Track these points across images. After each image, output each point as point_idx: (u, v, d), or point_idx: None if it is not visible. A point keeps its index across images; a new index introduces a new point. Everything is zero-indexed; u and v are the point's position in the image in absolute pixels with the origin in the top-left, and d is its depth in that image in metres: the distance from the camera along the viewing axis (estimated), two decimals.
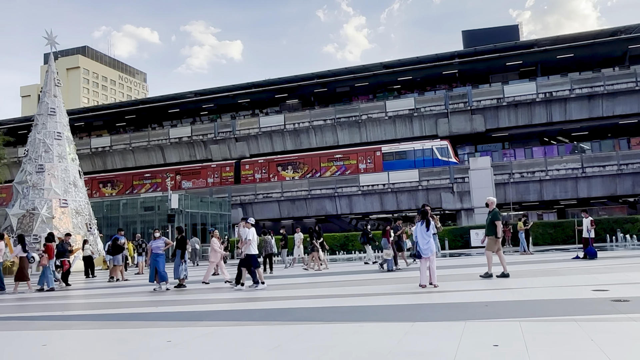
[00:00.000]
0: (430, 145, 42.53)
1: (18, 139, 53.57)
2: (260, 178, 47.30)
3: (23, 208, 29.52)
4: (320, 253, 19.36)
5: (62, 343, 7.01)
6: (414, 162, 42.59)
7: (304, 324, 6.98)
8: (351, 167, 44.92)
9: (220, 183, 48.19)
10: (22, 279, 16.21)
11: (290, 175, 46.53)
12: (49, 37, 32.09)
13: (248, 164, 48.22)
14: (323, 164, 45.70)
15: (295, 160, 46.82)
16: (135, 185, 50.87)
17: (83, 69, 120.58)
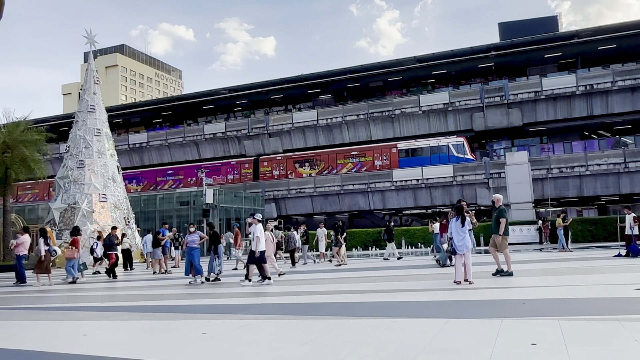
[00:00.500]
0: (446, 142, 42.40)
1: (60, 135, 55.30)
2: (278, 175, 48.06)
3: (65, 202, 30.47)
4: (342, 248, 19.51)
5: (101, 333, 7.21)
6: (430, 159, 42.51)
7: (336, 319, 6.98)
8: (367, 163, 45.06)
9: (240, 180, 48.99)
10: (43, 271, 16.66)
11: (307, 172, 47.18)
12: (89, 36, 32.94)
13: (266, 161, 49.01)
14: (339, 160, 46.08)
15: (312, 157, 47.33)
16: (158, 181, 52.02)
17: (121, 67, 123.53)
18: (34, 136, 29.65)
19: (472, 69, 47.96)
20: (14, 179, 29.00)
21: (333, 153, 46.68)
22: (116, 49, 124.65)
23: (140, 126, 61.82)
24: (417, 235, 34.10)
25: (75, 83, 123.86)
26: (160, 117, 61.17)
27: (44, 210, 36.87)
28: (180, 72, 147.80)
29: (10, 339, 6.79)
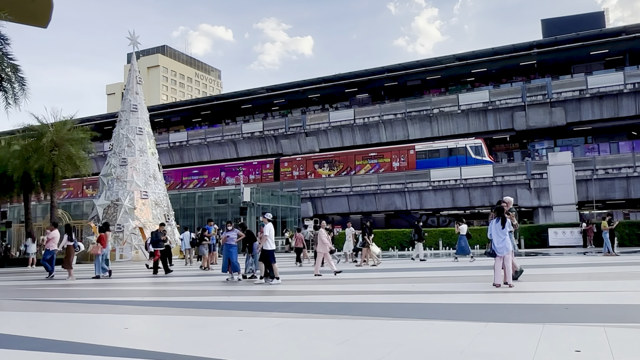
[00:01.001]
0: (464, 144, 41.85)
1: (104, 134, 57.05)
2: (297, 175, 48.48)
3: (108, 199, 31.39)
4: (373, 248, 19.47)
5: (142, 327, 7.39)
6: (447, 161, 42.21)
7: (372, 319, 6.92)
8: (385, 165, 45.04)
9: (261, 180, 49.51)
10: (66, 266, 17.05)
11: (326, 172, 47.55)
12: (132, 38, 33.82)
13: (287, 162, 49.54)
14: (358, 162, 46.26)
15: (332, 158, 47.69)
16: (184, 180, 53.08)
17: (162, 67, 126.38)
18: (79, 135, 30.62)
19: (513, 67, 46.83)
20: (61, 176, 30.03)
21: (352, 154, 46.95)
22: (158, 50, 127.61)
23: (180, 125, 63.11)
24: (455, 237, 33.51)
25: (118, 83, 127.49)
26: (200, 116, 62.27)
27: (88, 207, 38.11)
28: (219, 72, 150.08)
29: (56, 330, 7.03)
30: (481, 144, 41.64)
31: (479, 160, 41.06)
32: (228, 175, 51.37)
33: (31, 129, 30.70)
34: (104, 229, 17.91)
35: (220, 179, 51.31)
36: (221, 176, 51.49)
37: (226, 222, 16.09)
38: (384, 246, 32.49)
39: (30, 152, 28.88)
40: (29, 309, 9.66)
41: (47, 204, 35.02)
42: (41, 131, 29.62)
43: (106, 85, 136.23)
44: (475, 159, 41.22)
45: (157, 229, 19.63)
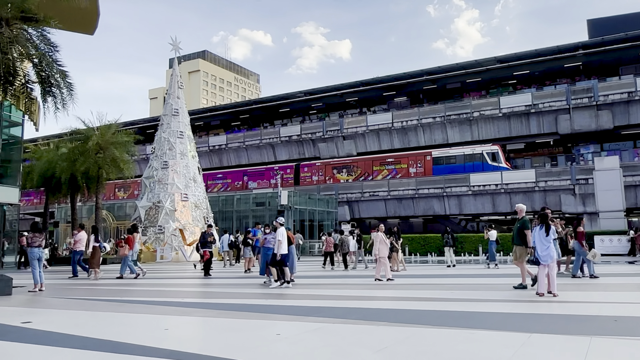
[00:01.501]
0: (481, 150, 41.87)
1: (146, 137, 58.55)
2: (317, 180, 49.18)
3: (150, 201, 32.16)
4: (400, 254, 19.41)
5: (182, 329, 7.50)
6: (464, 167, 42.20)
7: (412, 327, 6.81)
8: (402, 170, 45.45)
9: (282, 184, 49.75)
10: (92, 265, 17.46)
11: (344, 177, 48.26)
12: (174, 43, 34.60)
13: (307, 167, 50.46)
14: (375, 167, 46.85)
15: (350, 164, 48.37)
16: (209, 184, 54.00)
17: (203, 72, 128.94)
18: (123, 138, 31.51)
19: (557, 69, 45.52)
20: (105, 178, 30.98)
21: (369, 160, 47.49)
22: (198, 55, 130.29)
23: (219, 129, 64.14)
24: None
25: (160, 88, 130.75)
26: (239, 120, 63.11)
27: (131, 208, 39.15)
28: (258, 76, 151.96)
29: (100, 329, 7.22)
30: (498, 150, 41.45)
31: (496, 166, 40.91)
32: (251, 179, 52.70)
33: (78, 132, 31.79)
34: (131, 230, 18.37)
35: (243, 183, 52.68)
36: (244, 180, 52.72)
37: (264, 225, 16.21)
38: (421, 251, 32.10)
39: (77, 155, 29.90)
40: (74, 308, 9.96)
41: (92, 205, 36.14)
42: (87, 134, 30.63)
43: (149, 90, 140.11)
44: (491, 165, 41.07)
45: (205, 230, 19.80)
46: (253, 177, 52.71)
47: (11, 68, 12.98)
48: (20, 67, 13.66)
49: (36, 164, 33.78)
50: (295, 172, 50.79)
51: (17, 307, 10.06)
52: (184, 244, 30.70)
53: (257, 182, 52.10)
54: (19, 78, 13.58)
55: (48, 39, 13.70)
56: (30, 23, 13.49)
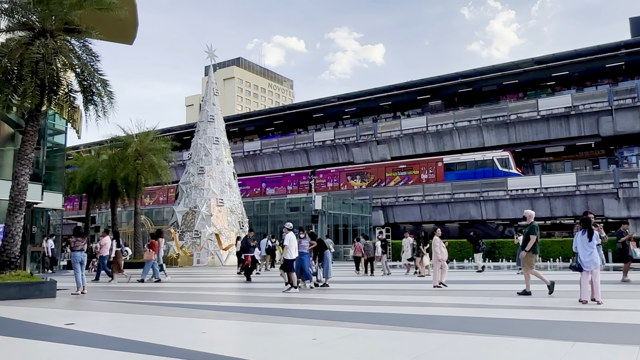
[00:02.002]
0: (492, 156, 42.11)
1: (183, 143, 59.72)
2: (331, 187, 50.06)
3: (186, 206, 32.73)
4: (426, 259, 19.16)
5: (218, 332, 7.58)
6: (474, 173, 42.51)
7: (449, 334, 6.69)
8: (414, 177, 46.00)
9: (298, 191, 51.12)
10: (117, 269, 17.75)
11: (358, 184, 48.98)
12: (209, 51, 35.22)
13: (322, 174, 51.23)
14: (388, 174, 47.58)
15: (363, 171, 49.18)
16: None
17: (237, 79, 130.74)
18: (161, 145, 32.21)
19: (598, 69, 44.17)
20: (144, 184, 31.72)
21: (382, 166, 48.30)
22: (233, 62, 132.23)
23: (254, 134, 64.85)
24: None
25: (196, 95, 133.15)
26: (273, 125, 63.67)
27: (168, 213, 39.94)
28: (292, 82, 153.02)
29: (139, 331, 7.37)
30: (508, 157, 41.61)
31: (506, 172, 41.09)
32: (268, 186, 53.98)
33: (117, 139, 32.66)
34: (155, 236, 18.74)
35: (261, 189, 53.96)
36: (262, 187, 53.62)
37: (298, 229, 16.26)
38: (458, 257, 31.57)
39: (116, 162, 30.72)
40: (115, 310, 10.21)
41: (131, 210, 37.04)
42: (126, 141, 31.43)
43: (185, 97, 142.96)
44: (502, 171, 41.25)
45: (247, 235, 19.85)
46: (270, 183, 54.08)
47: (55, 78, 13.46)
48: (64, 77, 14.14)
49: (78, 170, 34.87)
50: None
51: (61, 309, 10.37)
52: (219, 249, 31.08)
53: (274, 188, 53.46)
54: (62, 87, 14.06)
55: (90, 49, 14.14)
56: (73, 34, 13.96)
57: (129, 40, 25.99)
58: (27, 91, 12.77)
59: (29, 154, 13.48)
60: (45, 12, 13.17)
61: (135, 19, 23.15)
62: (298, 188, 51.94)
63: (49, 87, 13.41)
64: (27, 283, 12.25)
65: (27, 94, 12.82)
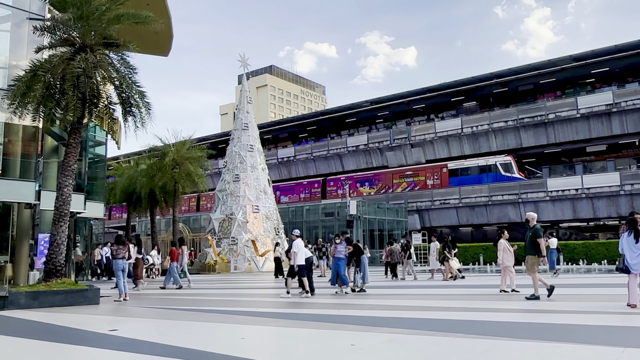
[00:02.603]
0: (494, 161, 43.10)
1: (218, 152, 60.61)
2: (342, 194, 50.03)
3: (223, 213, 33.16)
4: (453, 263, 18.99)
5: (257, 338, 7.62)
6: (478, 178, 43.50)
7: (491, 339, 6.54)
8: (420, 183, 47.13)
9: (310, 198, 52.63)
10: (136, 277, 17.87)
11: (367, 191, 50.51)
12: (242, 60, 35.68)
13: (332, 181, 52.99)
14: (395, 180, 48.88)
15: (371, 177, 50.86)
16: None
17: (270, 86, 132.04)
18: (197, 153, 32.76)
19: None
20: (181, 192, 32.31)
21: (389, 173, 49.60)
22: (265, 70, 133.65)
23: (287, 141, 65.28)
24: (577, 251, 31.07)
25: (230, 104, 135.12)
26: (306, 131, 63.95)
27: (205, 220, 40.54)
28: (324, 87, 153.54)
29: (181, 337, 7.48)
30: (510, 161, 42.48)
31: (509, 177, 41.99)
32: (282, 194, 54.70)
33: (155, 149, 33.39)
34: (176, 244, 19.01)
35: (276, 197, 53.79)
36: (276, 195, 54.12)
37: (334, 235, 16.23)
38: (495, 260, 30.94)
39: (154, 171, 31.40)
40: (157, 317, 10.41)
41: (169, 218, 37.76)
42: (164, 151, 32.09)
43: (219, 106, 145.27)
44: (504, 175, 42.13)
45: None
46: (284, 192, 55.44)
47: (95, 91, 13.88)
48: (103, 90, 14.58)
49: (118, 180, 35.79)
50: (322, 186, 53.32)
51: (105, 316, 10.65)
52: (256, 255, 31.33)
53: (288, 196, 54.98)
54: (102, 100, 14.49)
55: (127, 62, 14.53)
56: (111, 48, 14.38)
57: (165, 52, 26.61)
58: (70, 105, 13.21)
59: (72, 166, 13.91)
60: (85, 27, 13.61)
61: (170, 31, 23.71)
62: (310, 196, 53.64)
63: (90, 100, 13.84)
64: (72, 290, 12.62)
65: (69, 107, 13.26)
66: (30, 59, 14.25)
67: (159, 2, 20.47)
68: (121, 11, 13.78)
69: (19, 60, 17.01)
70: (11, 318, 10.19)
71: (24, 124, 16.90)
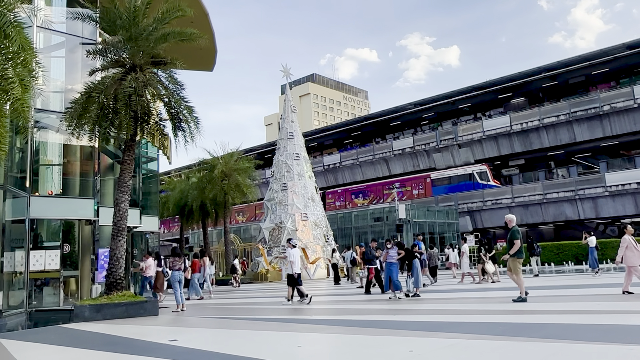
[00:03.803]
0: (471, 170, 45.76)
1: (265, 162, 61.44)
2: (339, 205, 53.87)
3: (272, 222, 33.52)
4: (489, 266, 18.54)
5: (314, 345, 7.61)
6: (457, 187, 45.89)
7: (556, 342, 6.26)
8: (407, 192, 49.40)
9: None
10: (156, 289, 17.79)
11: (360, 202, 52.75)
12: (285, 70, 36.12)
13: (331, 194, 55.81)
14: (385, 191, 51.11)
15: (364, 189, 53.43)
16: None
17: (312, 94, 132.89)
18: (245, 164, 33.36)
19: None
20: (231, 203, 32.94)
21: (380, 185, 52.37)
22: (307, 79, 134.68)
23: (332, 148, 65.39)
24: None
25: (274, 114, 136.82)
26: (350, 137, 63.86)
27: (255, 230, 41.09)
28: (366, 92, 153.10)
29: (238, 346, 7.57)
30: (486, 170, 45.21)
31: (485, 184, 44.61)
32: None
33: (205, 162, 34.22)
34: (197, 255, 19.15)
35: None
36: None
37: (385, 240, 16.07)
38: (555, 260, 29.81)
39: (205, 183, 32.17)
40: (213, 326, 10.59)
41: (221, 229, 38.51)
42: (213, 164, 32.84)
43: (264, 117, 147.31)
44: (481, 183, 44.72)
45: (369, 245, 19.02)
46: None
47: (146, 109, 14.37)
48: (153, 107, 15.07)
49: (171, 194, 36.87)
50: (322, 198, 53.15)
51: (164, 326, 10.92)
52: (307, 262, 31.46)
53: None
54: (153, 117, 14.98)
55: (175, 79, 14.97)
56: (159, 66, 14.87)
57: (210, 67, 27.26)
58: (123, 123, 13.72)
59: (128, 182, 14.42)
60: (134, 48, 14.13)
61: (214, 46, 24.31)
62: None
63: (141, 118, 14.32)
64: (132, 302, 13.04)
65: (122, 125, 13.78)
66: (84, 82, 14.92)
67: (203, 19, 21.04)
68: (167, 30, 14.23)
69: (74, 84, 17.82)
70: (77, 330, 10.61)
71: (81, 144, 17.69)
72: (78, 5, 16.88)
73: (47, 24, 16.38)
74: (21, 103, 9.40)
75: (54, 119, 17.07)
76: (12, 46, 9.41)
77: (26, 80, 9.63)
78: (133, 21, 14.00)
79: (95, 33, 17.76)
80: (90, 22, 15.25)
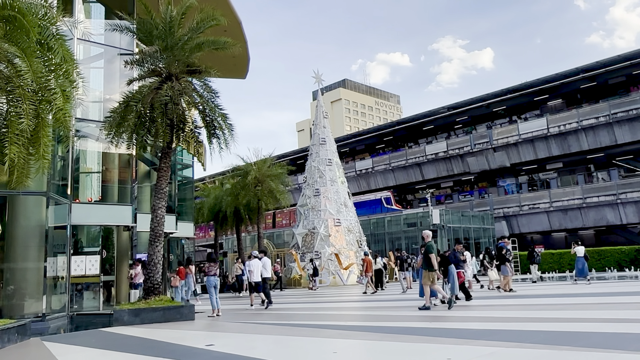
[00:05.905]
0: (380, 196, 49.35)
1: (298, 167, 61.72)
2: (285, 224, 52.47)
3: (305, 228, 33.59)
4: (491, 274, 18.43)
5: (349, 352, 7.56)
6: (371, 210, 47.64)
7: (601, 352, 6.04)
8: None
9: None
10: None
11: None
12: (317, 76, 36.25)
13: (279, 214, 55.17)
14: None
15: None
16: None
17: (344, 100, 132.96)
18: (277, 170, 33.58)
19: None
20: (265, 208, 33.20)
21: None
22: (339, 84, 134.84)
23: (365, 153, 65.18)
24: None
25: (306, 120, 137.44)
26: (383, 142, 63.55)
27: (288, 236, 41.26)
28: (398, 97, 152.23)
29: (272, 351, 7.59)
30: (390, 197, 48.97)
31: (388, 208, 47.43)
32: None
33: (238, 168, 34.60)
34: (184, 263, 19.28)
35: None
36: None
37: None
38: (597, 266, 28.91)
39: (238, 189, 32.51)
40: (249, 331, 10.65)
41: (254, 235, 38.82)
42: (246, 170, 33.17)
43: (296, 123, 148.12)
44: (386, 207, 47.61)
45: (454, 248, 16.82)
46: None
47: (181, 116, 14.65)
48: (189, 115, 15.34)
49: (205, 200, 37.39)
50: None
51: (200, 331, 11.05)
52: (340, 268, 31.38)
53: None
54: (188, 124, 15.25)
55: (209, 87, 15.22)
56: (194, 75, 15.15)
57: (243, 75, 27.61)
58: (159, 131, 14.01)
59: (164, 189, 14.70)
60: (170, 57, 14.43)
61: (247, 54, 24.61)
62: None
63: (177, 126, 14.60)
64: (169, 307, 13.25)
65: (159, 133, 14.07)
66: (122, 91, 15.31)
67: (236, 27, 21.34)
68: (201, 39, 14.49)
69: (112, 93, 18.33)
70: (117, 334, 10.85)
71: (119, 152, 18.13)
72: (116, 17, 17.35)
73: (86, 35, 16.93)
74: (63, 113, 9.69)
75: (94, 127, 17.59)
76: (54, 58, 9.74)
77: (68, 91, 9.93)
78: (169, 31, 14.31)
79: (132, 43, 18.22)
80: (127, 33, 15.64)
